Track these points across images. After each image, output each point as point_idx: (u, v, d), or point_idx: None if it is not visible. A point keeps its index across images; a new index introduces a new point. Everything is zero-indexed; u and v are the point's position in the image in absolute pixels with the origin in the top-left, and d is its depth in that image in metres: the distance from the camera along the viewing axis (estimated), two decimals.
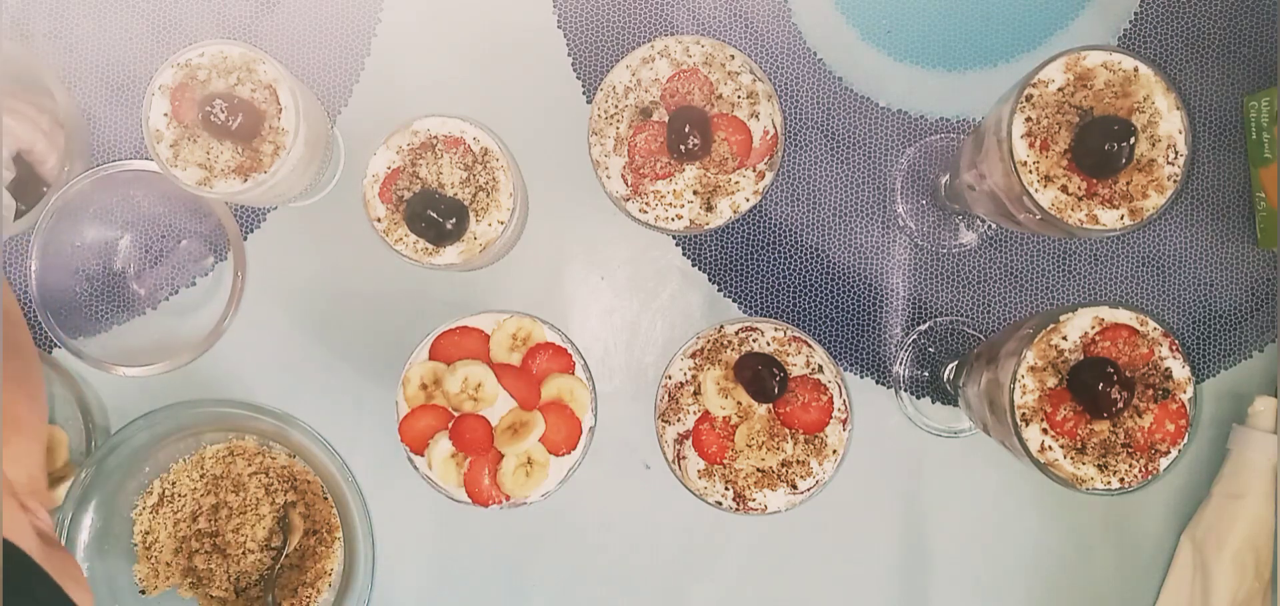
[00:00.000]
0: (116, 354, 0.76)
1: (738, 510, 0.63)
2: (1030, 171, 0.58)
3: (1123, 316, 0.58)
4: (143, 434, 0.74)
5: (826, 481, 0.63)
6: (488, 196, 0.64)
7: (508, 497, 0.63)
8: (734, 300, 0.76)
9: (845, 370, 0.76)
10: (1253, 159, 0.74)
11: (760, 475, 0.63)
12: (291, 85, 0.65)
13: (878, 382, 0.76)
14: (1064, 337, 0.58)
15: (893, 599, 0.76)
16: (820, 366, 0.63)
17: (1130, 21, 0.75)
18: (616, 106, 0.63)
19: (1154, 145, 0.58)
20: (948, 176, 0.72)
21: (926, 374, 0.76)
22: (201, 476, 0.76)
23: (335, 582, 0.75)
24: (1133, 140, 0.57)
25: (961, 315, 0.76)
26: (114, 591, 0.75)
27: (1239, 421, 0.73)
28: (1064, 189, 0.58)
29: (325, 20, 0.77)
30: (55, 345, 0.75)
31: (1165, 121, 0.58)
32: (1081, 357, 0.58)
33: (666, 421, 0.64)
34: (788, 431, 0.63)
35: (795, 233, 0.76)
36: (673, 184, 0.63)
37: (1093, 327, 0.58)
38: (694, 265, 0.76)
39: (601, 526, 0.77)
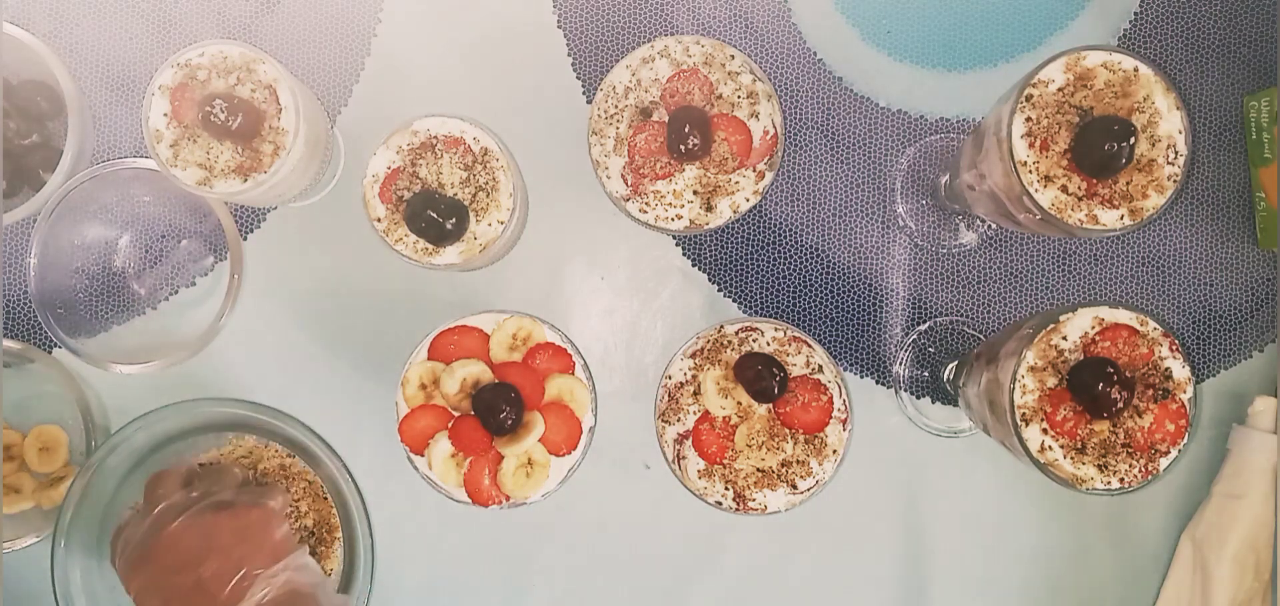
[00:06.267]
0: (116, 353, 0.76)
1: (738, 510, 0.63)
2: (1030, 171, 0.58)
3: (1123, 316, 0.58)
4: (142, 434, 0.73)
5: (826, 481, 0.63)
6: (488, 196, 0.64)
7: (508, 498, 0.63)
8: (734, 300, 0.76)
9: (845, 370, 0.76)
10: (1253, 159, 0.74)
11: (760, 475, 0.63)
12: (291, 85, 0.65)
13: (878, 382, 0.76)
14: (1064, 337, 0.58)
15: (893, 598, 0.76)
16: (820, 366, 0.63)
17: (1130, 21, 0.75)
18: (616, 106, 0.63)
19: (1154, 145, 0.58)
20: (948, 176, 0.72)
21: (926, 374, 0.76)
22: None
23: (335, 582, 0.75)
24: (1133, 140, 0.57)
25: (961, 315, 0.76)
26: (114, 591, 0.74)
27: (1239, 421, 0.73)
28: (1064, 189, 0.58)
29: (325, 20, 0.76)
30: (55, 344, 0.75)
31: (1165, 121, 0.58)
32: (1081, 357, 0.58)
33: (666, 421, 0.64)
34: (788, 431, 0.63)
35: (795, 233, 0.76)
36: (673, 184, 0.63)
37: (1093, 328, 0.58)
38: (694, 265, 0.76)
39: (601, 526, 0.77)
